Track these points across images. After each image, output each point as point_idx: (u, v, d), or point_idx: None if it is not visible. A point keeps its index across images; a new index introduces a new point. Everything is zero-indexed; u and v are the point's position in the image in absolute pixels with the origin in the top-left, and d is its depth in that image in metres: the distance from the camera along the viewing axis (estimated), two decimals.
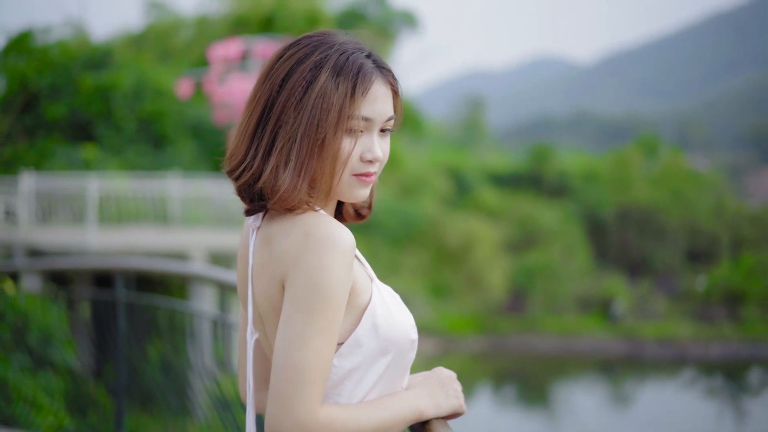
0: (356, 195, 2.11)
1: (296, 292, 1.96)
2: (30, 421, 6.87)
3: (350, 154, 2.05)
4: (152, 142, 26.31)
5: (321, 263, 1.95)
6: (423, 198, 38.40)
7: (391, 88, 2.13)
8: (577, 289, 38.64)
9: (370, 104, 2.06)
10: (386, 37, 42.92)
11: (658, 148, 52.80)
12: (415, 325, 2.13)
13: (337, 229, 1.99)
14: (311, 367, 1.92)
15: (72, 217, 19.88)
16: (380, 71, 2.11)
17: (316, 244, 1.96)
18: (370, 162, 2.08)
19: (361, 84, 2.05)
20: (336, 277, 1.95)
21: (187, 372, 6.08)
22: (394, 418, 2.04)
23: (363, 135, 2.08)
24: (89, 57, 27.78)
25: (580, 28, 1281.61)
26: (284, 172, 2.03)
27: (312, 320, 1.93)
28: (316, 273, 1.94)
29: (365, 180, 2.09)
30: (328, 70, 2.04)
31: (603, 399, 30.23)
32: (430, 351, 33.47)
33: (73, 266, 8.69)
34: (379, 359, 2.06)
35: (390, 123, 2.12)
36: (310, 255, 1.95)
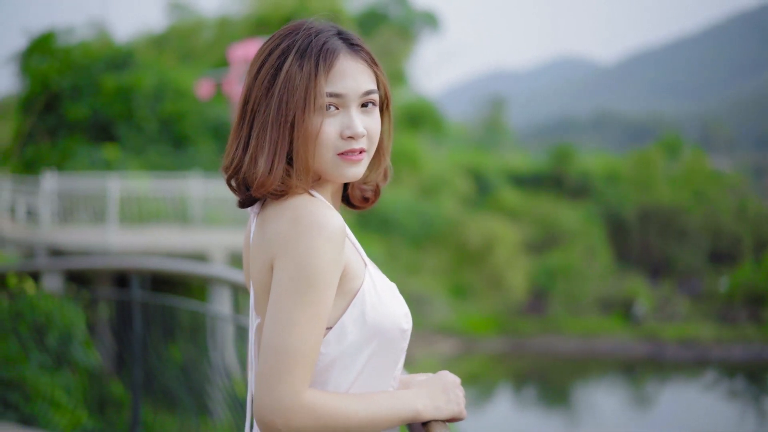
0: (345, 175, 2.10)
1: (283, 276, 1.97)
2: (48, 419, 6.90)
3: (325, 133, 2.05)
4: (173, 143, 26.41)
5: (307, 247, 1.95)
6: (443, 198, 38.36)
7: (366, 63, 2.12)
8: (599, 290, 38.50)
9: (339, 80, 2.06)
10: (407, 37, 42.91)
11: (680, 148, 52.50)
12: (408, 315, 2.12)
13: (323, 212, 1.99)
14: (296, 349, 1.93)
15: (93, 217, 19.98)
16: (350, 47, 2.11)
17: (302, 227, 1.97)
18: (351, 138, 2.07)
19: (323, 61, 2.05)
20: (322, 261, 1.96)
21: (205, 372, 6.10)
22: (388, 415, 2.04)
23: (340, 112, 2.08)
24: (111, 58, 27.91)
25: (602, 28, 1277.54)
26: (261, 158, 2.05)
27: (298, 303, 1.95)
28: (303, 256, 1.95)
29: (351, 158, 2.08)
30: (293, 54, 2.06)
31: (624, 400, 30.12)
32: (450, 351, 33.44)
33: (90, 266, 8.74)
34: (366, 347, 2.06)
35: (371, 97, 2.11)
36: (296, 239, 1.96)
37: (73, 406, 7.12)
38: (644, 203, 43.48)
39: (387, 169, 2.30)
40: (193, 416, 6.02)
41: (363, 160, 2.11)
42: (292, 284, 1.96)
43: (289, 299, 1.95)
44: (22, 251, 18.83)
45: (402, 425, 2.11)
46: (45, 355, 7.40)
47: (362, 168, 2.12)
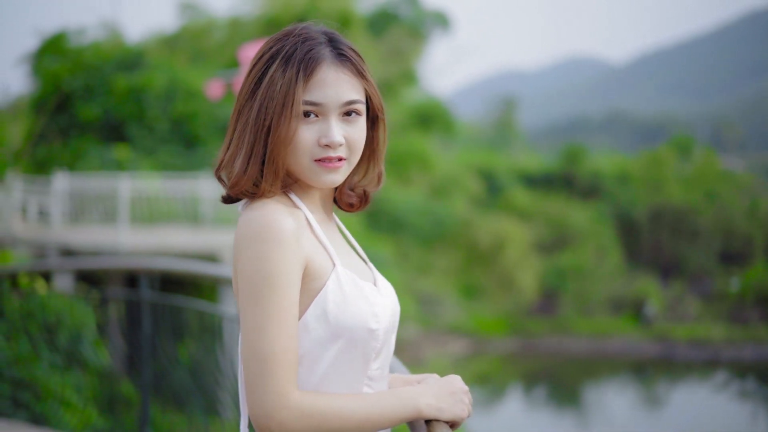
0: (323, 181, 2.14)
1: (244, 283, 2.02)
2: (59, 418, 6.94)
3: (302, 139, 2.10)
4: (184, 143, 26.45)
5: (257, 252, 2.01)
6: (454, 198, 38.33)
7: (351, 73, 2.15)
8: (609, 290, 38.43)
9: (318, 89, 2.10)
10: (418, 37, 42.89)
11: (692, 148, 52.35)
12: (378, 315, 2.11)
13: (273, 217, 2.03)
14: (271, 354, 1.97)
15: (104, 217, 20.03)
16: (336, 56, 2.14)
17: (252, 233, 2.02)
18: (328, 146, 2.10)
19: (304, 69, 2.09)
20: (276, 263, 2.00)
21: (215, 372, 6.12)
22: (386, 412, 2.05)
23: (319, 120, 2.11)
24: (122, 58, 27.98)
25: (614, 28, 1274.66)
26: (238, 159, 2.12)
27: (262, 308, 1.99)
28: (255, 261, 2.00)
29: (328, 165, 2.12)
30: (279, 60, 2.11)
31: (635, 401, 30.08)
32: (460, 351, 33.44)
33: (100, 266, 8.78)
34: (331, 345, 2.08)
35: (353, 107, 2.14)
36: (247, 245, 2.02)
37: (83, 405, 7.15)
38: (655, 203, 43.39)
39: (380, 175, 2.33)
40: (201, 416, 6.04)
41: (341, 168, 2.15)
42: (250, 290, 2.01)
43: (252, 306, 2.00)
44: (34, 251, 18.89)
45: (403, 424, 2.12)
46: (56, 354, 7.43)
47: (340, 175, 2.16)
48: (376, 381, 2.17)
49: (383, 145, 2.30)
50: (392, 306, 2.23)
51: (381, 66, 36.99)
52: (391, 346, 2.25)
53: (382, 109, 2.24)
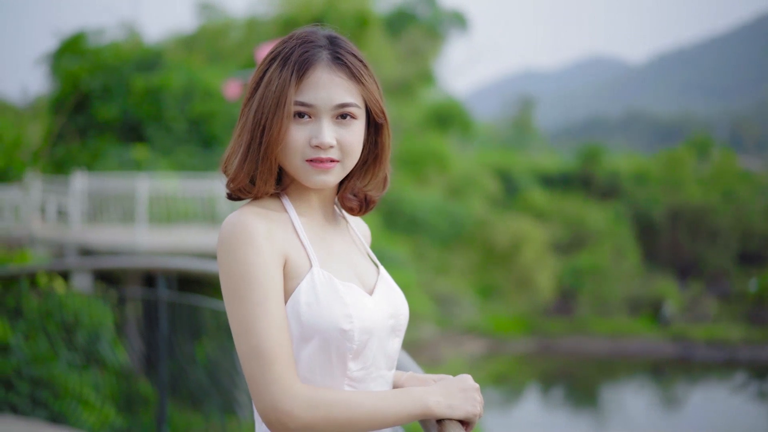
0: (313, 181, 2.17)
1: (225, 289, 2.07)
2: (77, 417, 6.97)
3: (293, 140, 2.14)
4: (202, 143, 26.51)
5: (233, 255, 2.06)
6: (471, 198, 38.32)
7: (346, 76, 2.18)
8: (627, 290, 38.34)
9: (310, 90, 2.14)
10: (436, 37, 42.89)
11: (710, 148, 52.17)
12: (352, 317, 2.12)
13: (241, 220, 2.09)
14: (266, 348, 2.00)
15: (122, 217, 20.09)
16: (333, 60, 2.17)
17: (224, 239, 2.08)
18: (318, 147, 2.14)
19: (297, 71, 2.13)
20: (250, 263, 2.04)
21: (231, 371, 6.15)
22: (394, 409, 2.06)
23: (312, 121, 2.15)
24: (141, 58, 28.06)
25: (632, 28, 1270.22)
26: (236, 157, 2.19)
27: (246, 307, 2.03)
28: (233, 265, 2.05)
29: (318, 166, 2.15)
30: (277, 61, 2.16)
31: (653, 401, 30.01)
32: (477, 352, 33.42)
33: (118, 266, 8.82)
34: (305, 345, 2.10)
35: (346, 110, 2.16)
36: (223, 250, 2.08)
37: (101, 404, 7.19)
38: (673, 203, 43.26)
39: (385, 179, 2.36)
40: (218, 414, 6.07)
41: (332, 170, 2.18)
42: (232, 293, 2.05)
43: (236, 307, 2.05)
44: (53, 250, 18.97)
45: (414, 422, 2.13)
46: (74, 353, 7.47)
47: (332, 176, 2.19)
48: (360, 382, 2.17)
49: (388, 149, 2.32)
50: (388, 309, 2.24)
51: (398, 66, 37.02)
52: (390, 350, 2.26)
53: (383, 114, 2.26)
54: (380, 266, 2.38)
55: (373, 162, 2.32)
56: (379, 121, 2.26)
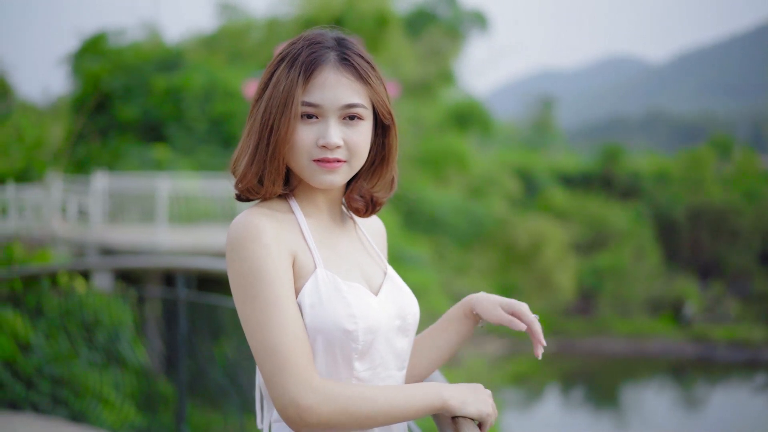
0: (320, 181, 2.18)
1: (236, 288, 2.08)
2: (97, 415, 7.00)
3: (300, 139, 2.15)
4: (222, 143, 26.55)
5: (242, 254, 2.08)
6: (491, 198, 38.24)
7: (354, 77, 2.19)
8: (648, 290, 38.25)
9: (317, 91, 2.15)
10: (456, 37, 42.80)
11: (731, 148, 51.95)
12: (355, 317, 2.13)
13: (249, 220, 2.10)
14: (283, 343, 2.01)
15: (143, 217, 20.14)
16: (340, 60, 2.18)
17: (232, 239, 2.10)
18: (325, 147, 2.15)
19: (304, 71, 2.15)
20: (260, 260, 2.06)
21: (250, 371, 6.15)
22: (410, 402, 2.07)
23: (319, 121, 2.16)
24: (161, 59, 28.14)
25: (653, 28, 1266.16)
26: (244, 157, 2.20)
27: (259, 304, 2.04)
28: (243, 263, 2.07)
29: (325, 166, 2.16)
30: (285, 62, 2.18)
31: (673, 402, 29.92)
32: (497, 352, 33.38)
33: (138, 265, 8.84)
34: (311, 345, 2.11)
35: (353, 110, 2.17)
36: (232, 251, 2.10)
37: (121, 402, 7.21)
38: (695, 203, 43.10)
39: (393, 181, 2.36)
40: (237, 414, 6.08)
41: (339, 169, 2.19)
42: (243, 292, 2.06)
43: (249, 305, 2.05)
44: (73, 250, 19.04)
45: (428, 416, 2.13)
46: (94, 352, 7.50)
47: (339, 176, 2.20)
48: (368, 383, 2.18)
49: (395, 151, 2.33)
50: (394, 309, 2.25)
51: (418, 66, 36.97)
52: (400, 350, 2.27)
53: (390, 116, 2.27)
54: (388, 266, 2.38)
55: (380, 163, 2.33)
56: (386, 122, 2.27)
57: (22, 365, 7.11)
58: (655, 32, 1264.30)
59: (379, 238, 2.49)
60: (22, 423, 6.72)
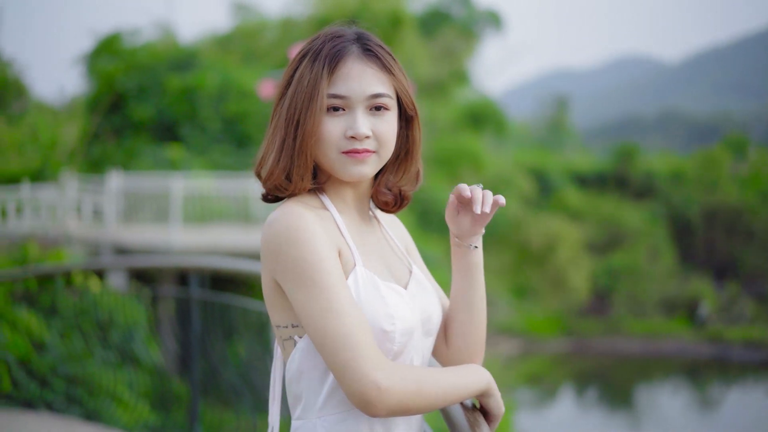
0: (350, 173, 2.16)
1: (292, 279, 2.04)
2: (111, 414, 7.02)
3: (328, 132, 2.14)
4: (236, 142, 26.60)
5: (295, 245, 2.04)
6: (506, 198, 38.15)
7: (378, 68, 2.18)
8: (662, 291, 38.15)
9: (343, 82, 2.14)
10: (470, 36, 42.80)
11: (746, 147, 51.79)
12: (393, 317, 2.12)
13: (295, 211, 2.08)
14: (351, 328, 1.99)
15: (157, 216, 20.18)
16: (363, 51, 2.18)
17: (279, 232, 2.06)
18: (354, 138, 2.13)
19: (328, 63, 2.14)
20: (315, 249, 2.03)
21: (263, 370, 6.16)
22: (465, 381, 2.09)
23: (346, 113, 2.15)
24: (176, 59, 28.20)
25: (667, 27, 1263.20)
26: (271, 154, 2.19)
27: (320, 292, 2.01)
28: (297, 253, 2.03)
29: (355, 156, 2.15)
30: (308, 58, 2.17)
31: (688, 403, 29.83)
32: (512, 352, 33.35)
33: (152, 265, 8.85)
34: None
35: (379, 101, 2.16)
36: (280, 243, 2.05)
37: (135, 401, 7.23)
38: (709, 203, 42.97)
39: (418, 174, 2.35)
40: (249, 413, 6.09)
41: (369, 159, 2.17)
42: (301, 281, 2.03)
43: (310, 293, 2.02)
44: (88, 249, 19.09)
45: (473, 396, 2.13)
46: (108, 351, 7.52)
47: (368, 167, 2.18)
48: None
49: (419, 144, 2.32)
50: (419, 309, 2.24)
51: (433, 66, 36.98)
52: (424, 350, 2.26)
53: (413, 107, 2.27)
54: (413, 266, 2.36)
55: (404, 157, 2.31)
56: (410, 113, 2.26)
57: (37, 364, 7.13)
58: (669, 31, 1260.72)
59: (402, 236, 2.47)
60: (36, 422, 6.73)
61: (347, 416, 2.10)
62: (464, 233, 2.31)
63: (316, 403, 2.11)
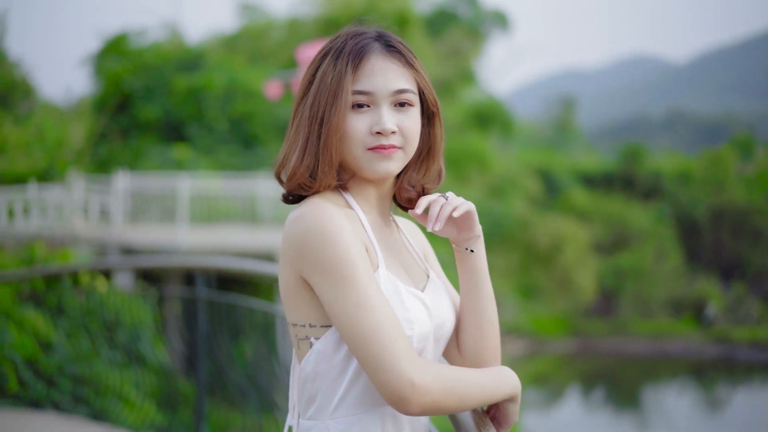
0: (377, 169, 2.15)
1: (323, 275, 2.02)
2: (117, 414, 7.03)
3: (354, 129, 2.12)
4: (242, 143, 26.63)
5: (325, 241, 2.01)
6: (512, 198, 38.20)
7: (401, 64, 2.18)
8: (669, 291, 38.10)
9: (367, 78, 2.13)
10: (477, 36, 42.79)
11: (753, 148, 51.71)
12: (412, 321, 2.10)
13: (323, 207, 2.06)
14: (387, 325, 1.97)
15: (164, 216, 20.20)
16: (385, 48, 2.18)
17: (307, 228, 2.03)
18: (380, 134, 2.13)
19: (352, 60, 2.13)
20: (346, 246, 2.01)
21: (270, 370, 6.16)
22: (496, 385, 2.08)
23: (371, 110, 2.14)
24: (182, 59, 28.24)
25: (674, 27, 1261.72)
26: (294, 153, 2.17)
27: (353, 288, 1.99)
28: (328, 250, 2.01)
29: (382, 152, 2.13)
30: (330, 56, 2.16)
31: (695, 403, 29.78)
32: (518, 352, 33.31)
33: (159, 264, 8.85)
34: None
35: (404, 96, 2.16)
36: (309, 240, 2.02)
37: (142, 401, 7.24)
38: (716, 204, 42.91)
39: (440, 171, 2.34)
40: (255, 413, 6.09)
41: (395, 155, 2.16)
42: (333, 277, 2.00)
43: (342, 290, 2.00)
44: (95, 249, 19.12)
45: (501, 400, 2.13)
46: (115, 351, 7.53)
47: (395, 163, 2.17)
48: None
49: (441, 141, 2.31)
50: (438, 315, 2.23)
51: (439, 66, 36.96)
52: (435, 355, 2.25)
53: (436, 103, 2.26)
54: (431, 271, 2.36)
55: (427, 155, 2.31)
56: (432, 109, 2.26)
57: (44, 364, 7.14)
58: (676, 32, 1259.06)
59: (421, 242, 2.45)
60: (43, 422, 6.75)
61: (361, 418, 2.09)
62: (456, 239, 2.30)
63: (330, 405, 2.10)
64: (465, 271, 2.33)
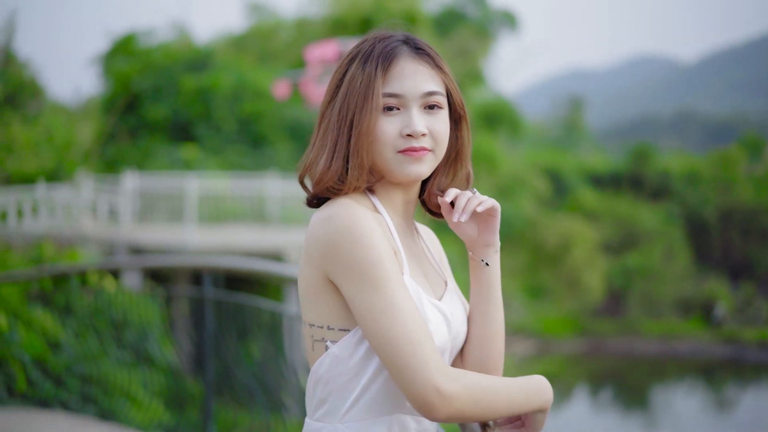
0: (407, 172, 2.14)
1: (352, 277, 2.00)
2: (125, 413, 7.03)
3: (384, 132, 2.11)
4: (251, 143, 26.65)
5: (356, 243, 2.00)
6: (520, 198, 38.16)
7: (429, 66, 2.17)
8: (678, 291, 38.04)
9: (397, 81, 2.13)
10: (485, 36, 42.74)
11: (762, 147, 51.59)
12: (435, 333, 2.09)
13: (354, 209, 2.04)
14: (415, 330, 1.95)
15: (172, 216, 20.23)
16: (414, 50, 2.17)
17: (338, 229, 2.01)
18: (410, 136, 2.11)
19: (382, 63, 2.12)
20: (377, 249, 2.00)
21: (278, 370, 6.16)
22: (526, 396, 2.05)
23: (401, 112, 2.13)
24: (191, 59, 28.27)
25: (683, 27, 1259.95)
26: (322, 156, 2.15)
27: (384, 293, 1.97)
28: (358, 252, 1.99)
29: (413, 154, 2.12)
30: (358, 59, 2.15)
31: (703, 403, 29.73)
32: (526, 352, 33.29)
33: (166, 264, 8.87)
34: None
35: (433, 99, 2.15)
36: (338, 241, 2.01)
37: (149, 401, 7.25)
38: (725, 204, 42.82)
39: (468, 175, 2.33)
40: (263, 413, 6.09)
41: (426, 158, 2.15)
42: (363, 280, 1.99)
43: (372, 294, 1.98)
44: (103, 249, 19.15)
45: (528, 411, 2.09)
46: (123, 351, 7.54)
47: (425, 166, 2.16)
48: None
49: (468, 145, 2.31)
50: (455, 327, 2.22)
51: (447, 66, 36.97)
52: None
53: (463, 106, 2.26)
54: (449, 279, 2.35)
55: (455, 158, 2.30)
56: (460, 112, 2.26)
57: (52, 363, 7.15)
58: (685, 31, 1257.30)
59: (438, 250, 2.43)
60: (51, 421, 6.76)
61: (371, 423, 2.08)
62: (473, 243, 2.29)
63: (341, 409, 2.09)
64: (477, 280, 2.31)
